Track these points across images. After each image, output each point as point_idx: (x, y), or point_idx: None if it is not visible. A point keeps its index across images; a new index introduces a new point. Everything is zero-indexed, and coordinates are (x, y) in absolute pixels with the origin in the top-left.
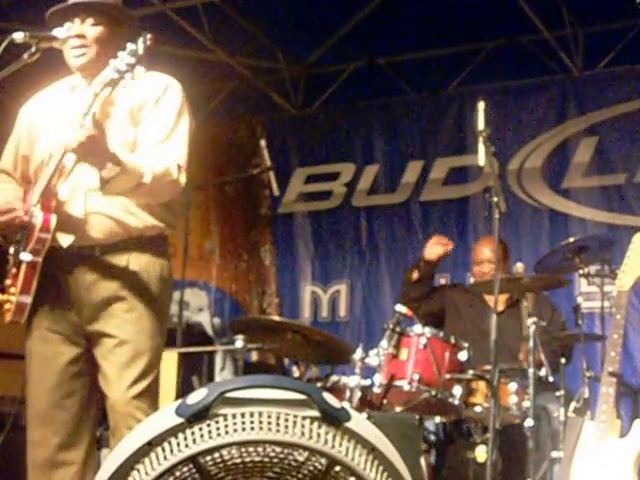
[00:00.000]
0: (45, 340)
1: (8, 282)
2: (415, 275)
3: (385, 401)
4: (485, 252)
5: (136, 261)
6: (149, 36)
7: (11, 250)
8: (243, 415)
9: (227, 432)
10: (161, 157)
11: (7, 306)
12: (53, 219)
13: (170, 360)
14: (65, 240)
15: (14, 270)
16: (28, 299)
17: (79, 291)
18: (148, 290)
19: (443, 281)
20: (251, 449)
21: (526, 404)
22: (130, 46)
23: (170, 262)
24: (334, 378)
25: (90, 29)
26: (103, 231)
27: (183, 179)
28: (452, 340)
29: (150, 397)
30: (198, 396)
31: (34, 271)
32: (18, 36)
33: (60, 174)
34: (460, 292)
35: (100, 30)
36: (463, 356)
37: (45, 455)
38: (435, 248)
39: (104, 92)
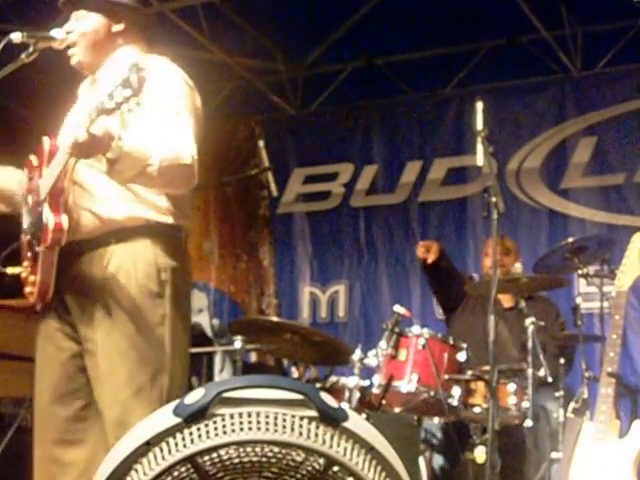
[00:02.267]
0: (49, 337)
1: (25, 264)
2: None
3: (384, 402)
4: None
5: (116, 261)
6: (140, 66)
7: (23, 237)
8: (241, 415)
9: (225, 432)
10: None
11: (29, 289)
12: (64, 219)
13: None
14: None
15: (29, 254)
16: (50, 279)
17: (65, 290)
18: (129, 292)
19: None
20: (249, 449)
21: (525, 405)
22: (122, 75)
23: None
24: (333, 379)
25: (77, 23)
26: (84, 226)
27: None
28: (451, 341)
29: (139, 402)
30: (196, 396)
31: (52, 257)
32: (16, 36)
33: (66, 173)
34: (471, 286)
35: (89, 24)
36: (462, 357)
37: (45, 452)
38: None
39: (99, 119)
